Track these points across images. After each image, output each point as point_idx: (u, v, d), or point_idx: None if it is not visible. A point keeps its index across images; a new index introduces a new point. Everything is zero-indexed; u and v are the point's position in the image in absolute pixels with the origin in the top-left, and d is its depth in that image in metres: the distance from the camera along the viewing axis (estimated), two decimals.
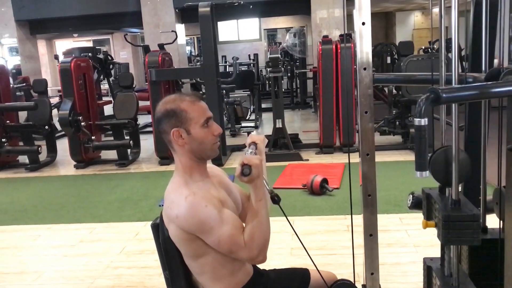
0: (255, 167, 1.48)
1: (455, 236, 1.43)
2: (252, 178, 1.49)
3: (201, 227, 1.50)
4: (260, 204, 1.54)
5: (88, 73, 6.58)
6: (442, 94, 1.17)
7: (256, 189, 1.53)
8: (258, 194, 1.53)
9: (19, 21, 10.89)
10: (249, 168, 1.48)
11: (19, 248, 3.79)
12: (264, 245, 1.53)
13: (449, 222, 1.44)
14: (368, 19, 1.51)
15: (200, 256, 1.59)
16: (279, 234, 3.77)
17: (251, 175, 1.48)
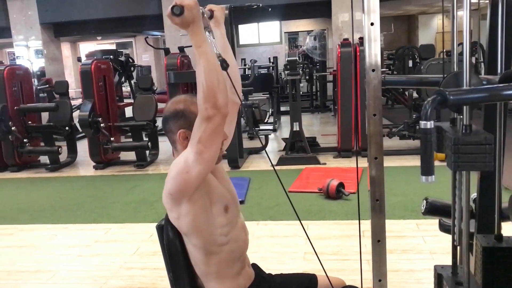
0: (188, 8, 1.32)
1: (466, 160, 1.30)
2: (185, 21, 1.33)
3: (181, 171, 1.47)
4: (200, 51, 1.35)
5: (108, 75, 6.66)
6: (449, 96, 1.13)
7: (194, 35, 1.36)
8: (195, 40, 1.36)
9: (44, 24, 11.12)
10: (180, 8, 1.32)
11: (36, 247, 3.84)
12: (214, 94, 1.35)
13: (459, 146, 1.29)
14: (377, 20, 1.48)
15: (209, 254, 1.58)
16: (293, 238, 3.74)
17: (184, 16, 1.32)
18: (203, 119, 1.39)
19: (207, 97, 1.35)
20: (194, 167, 1.45)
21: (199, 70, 1.36)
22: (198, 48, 1.36)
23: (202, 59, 1.35)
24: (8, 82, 6.45)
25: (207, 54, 1.36)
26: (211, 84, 1.35)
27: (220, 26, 1.72)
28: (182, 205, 1.53)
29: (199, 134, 1.41)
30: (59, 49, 12.11)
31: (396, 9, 13.51)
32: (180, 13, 1.33)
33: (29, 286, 3.16)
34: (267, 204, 4.55)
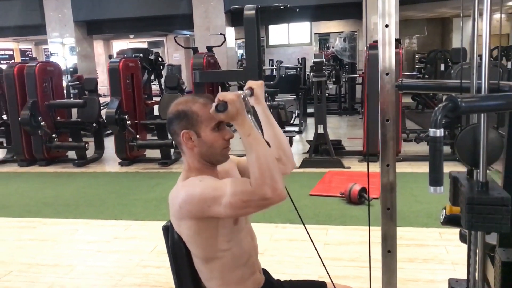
0: (231, 103, 1.35)
1: (480, 221, 1.27)
2: (230, 115, 1.36)
3: (204, 201, 1.44)
4: (250, 139, 1.39)
5: (136, 73, 6.73)
6: (461, 103, 1.07)
7: (241, 126, 1.39)
8: (244, 130, 1.39)
9: (77, 22, 11.34)
10: (224, 104, 1.37)
11: (57, 241, 3.90)
12: (272, 178, 1.37)
13: (474, 205, 1.28)
14: (392, 21, 1.42)
15: (210, 260, 1.55)
16: (310, 243, 3.68)
17: (228, 111, 1.36)
18: (258, 196, 1.37)
19: (266, 181, 1.37)
20: (217, 209, 1.43)
21: (254, 157, 1.38)
22: (247, 136, 1.40)
23: (254, 146, 1.39)
24: (39, 78, 6.60)
25: (258, 140, 1.40)
26: (267, 169, 1.38)
27: (260, 102, 1.70)
28: (185, 220, 1.51)
29: (246, 196, 1.39)
30: (92, 47, 12.35)
31: (430, 12, 13.22)
32: (224, 109, 1.37)
33: (47, 279, 3.21)
34: (287, 207, 4.43)
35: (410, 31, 15.25)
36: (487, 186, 1.35)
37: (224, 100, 1.36)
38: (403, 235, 3.69)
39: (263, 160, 1.37)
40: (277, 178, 1.38)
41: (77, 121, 6.95)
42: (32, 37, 15.15)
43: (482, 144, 1.34)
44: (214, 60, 6.42)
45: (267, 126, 1.72)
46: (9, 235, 4.14)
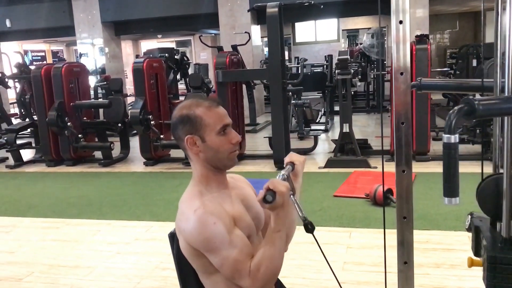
0: (280, 194, 1.33)
1: (502, 282, 1.19)
2: (274, 206, 1.34)
3: (207, 245, 1.39)
4: (276, 236, 1.39)
5: (160, 73, 6.74)
6: (478, 106, 0.96)
7: (277, 219, 1.38)
8: (277, 224, 1.38)
9: (105, 22, 11.49)
10: (273, 194, 1.33)
11: (79, 242, 3.91)
12: (270, 278, 1.40)
13: (496, 265, 1.20)
14: (406, 17, 1.32)
15: (212, 273, 1.48)
16: (333, 246, 3.59)
17: (274, 202, 1.33)
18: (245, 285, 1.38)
19: (263, 279, 1.37)
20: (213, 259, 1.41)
21: (270, 253, 1.37)
22: (277, 232, 1.39)
23: (276, 244, 1.38)
24: (65, 79, 6.68)
25: (282, 241, 1.40)
26: (272, 271, 1.39)
27: (298, 179, 1.68)
28: (185, 241, 1.46)
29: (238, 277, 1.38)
30: (119, 47, 12.49)
31: (462, 6, 12.82)
32: (272, 200, 1.33)
33: (66, 281, 3.21)
34: (310, 208, 4.40)
35: (441, 26, 14.84)
36: (511, 243, 1.24)
37: (274, 190, 1.33)
38: (430, 239, 3.54)
39: (274, 262, 1.39)
40: (273, 281, 1.42)
41: (102, 121, 7.01)
42: (62, 38, 15.42)
43: (506, 195, 1.23)
44: (238, 59, 6.36)
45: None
46: (34, 235, 4.18)
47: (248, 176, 6.16)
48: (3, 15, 11.73)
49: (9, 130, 7.20)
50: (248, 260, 1.38)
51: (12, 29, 12.01)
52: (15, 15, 11.70)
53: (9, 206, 5.01)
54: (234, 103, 6.12)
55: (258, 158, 6.48)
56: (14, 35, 12.73)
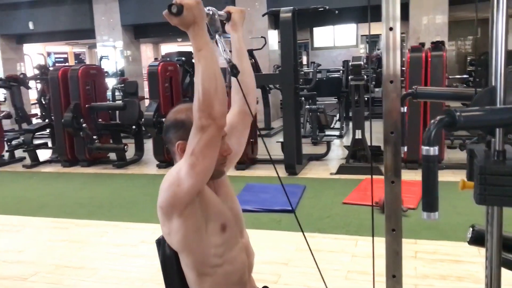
0: (188, 8, 1.22)
1: (493, 193, 1.09)
2: (184, 21, 1.23)
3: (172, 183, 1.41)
4: (200, 55, 1.26)
5: (175, 76, 6.78)
6: (459, 118, 0.93)
7: (195, 37, 1.26)
8: (196, 42, 1.26)
9: (125, 26, 11.62)
10: (179, 7, 1.21)
11: (85, 243, 3.94)
12: (209, 103, 1.26)
13: (486, 175, 1.10)
14: (397, 25, 1.29)
15: (201, 276, 1.49)
16: (338, 254, 3.54)
17: (182, 16, 1.22)
18: (197, 129, 1.30)
19: (202, 106, 1.27)
20: (186, 181, 1.36)
21: (197, 75, 1.27)
22: (198, 51, 1.27)
23: (201, 64, 1.27)
24: (82, 81, 6.77)
25: (207, 59, 1.27)
26: (207, 92, 1.26)
27: (237, 29, 1.62)
28: (173, 220, 1.44)
29: (192, 145, 1.32)
30: (139, 50, 12.62)
31: (484, 12, 12.58)
32: (177, 12, 1.23)
33: (70, 282, 3.24)
34: (318, 215, 4.36)
35: (462, 33, 14.61)
36: (504, 155, 1.16)
37: (180, 3, 1.22)
38: (438, 250, 3.47)
39: (206, 82, 1.26)
40: (214, 103, 1.26)
41: (117, 123, 7.08)
42: (83, 40, 15.65)
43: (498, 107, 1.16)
44: (252, 63, 6.35)
45: (236, 57, 1.63)
46: (42, 235, 4.23)
47: (259, 180, 6.13)
48: (26, 17, 11.97)
49: (26, 130, 7.32)
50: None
51: (34, 31, 12.24)
52: (37, 17, 11.93)
53: (21, 205, 5.09)
54: None
55: (270, 162, 6.44)
56: (36, 37, 12.98)
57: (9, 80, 10.03)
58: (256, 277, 3.18)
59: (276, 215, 4.36)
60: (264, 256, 3.47)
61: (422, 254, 3.43)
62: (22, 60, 13.46)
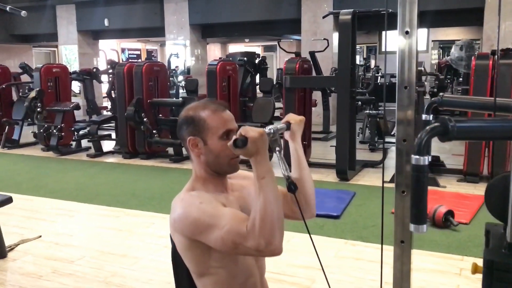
0: (252, 140, 1.29)
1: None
2: (248, 153, 1.30)
3: (197, 226, 1.38)
4: (262, 183, 1.32)
5: (233, 76, 6.88)
6: (452, 127, 0.88)
7: (257, 166, 1.33)
8: (258, 171, 1.33)
9: (193, 25, 11.92)
10: (243, 140, 1.29)
11: (131, 232, 4.09)
12: (271, 231, 1.30)
13: (493, 270, 1.06)
14: (414, 27, 1.24)
15: (203, 275, 1.48)
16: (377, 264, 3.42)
17: (246, 149, 1.29)
18: (252, 246, 1.32)
19: (263, 231, 1.30)
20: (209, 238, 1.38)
21: (260, 202, 1.32)
22: (260, 179, 1.33)
23: (263, 192, 1.33)
24: (145, 77, 7.03)
25: (269, 187, 1.33)
26: (270, 219, 1.32)
27: (295, 139, 1.63)
28: (177, 233, 1.47)
29: (239, 239, 1.33)
30: (205, 49, 12.91)
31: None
32: (243, 145, 1.30)
33: (112, 268, 3.37)
34: (363, 223, 4.25)
35: None
36: None
37: (246, 136, 1.30)
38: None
39: (268, 209, 1.31)
40: (276, 233, 1.31)
41: (176, 119, 7.27)
42: (154, 38, 16.24)
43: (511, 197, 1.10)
44: (309, 65, 6.31)
45: (295, 166, 1.64)
46: (94, 222, 4.45)
47: None
48: (102, 14, 12.61)
49: (92, 121, 7.72)
50: (243, 223, 1.34)
51: (109, 28, 12.87)
52: (112, 15, 12.53)
53: (79, 192, 5.37)
54: (301, 109, 6.07)
55: (322, 166, 6.37)
56: (111, 33, 13.63)
57: (83, 74, 10.63)
58: (290, 280, 3.17)
59: (320, 220, 4.30)
60: (301, 260, 3.44)
61: (467, 272, 3.24)
62: (97, 55, 14.19)
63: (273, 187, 1.34)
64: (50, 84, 8.00)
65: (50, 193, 5.33)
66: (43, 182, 5.89)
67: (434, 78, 8.16)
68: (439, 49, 16.66)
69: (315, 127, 9.35)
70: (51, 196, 5.23)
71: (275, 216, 1.31)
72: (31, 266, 3.45)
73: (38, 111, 7.54)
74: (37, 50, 16.68)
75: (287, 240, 3.68)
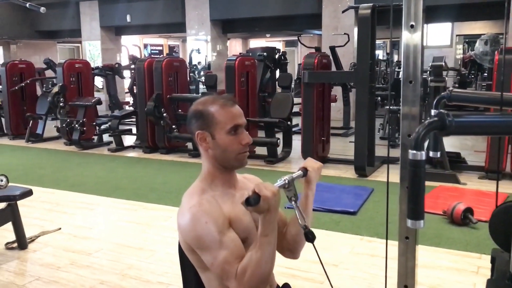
0: (265, 199, 1.30)
1: None
2: (259, 210, 1.32)
3: (197, 243, 1.41)
4: (264, 240, 1.36)
5: (251, 71, 6.87)
6: (450, 122, 0.86)
7: (264, 223, 1.35)
8: (264, 228, 1.36)
9: (213, 20, 11.96)
10: (256, 198, 1.29)
11: (149, 226, 4.15)
12: (257, 283, 1.37)
13: None
14: (419, 21, 1.22)
15: (206, 270, 1.50)
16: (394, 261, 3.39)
17: (258, 207, 1.30)
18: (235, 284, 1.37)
19: (250, 284, 1.36)
20: (205, 258, 1.43)
21: (256, 257, 1.35)
22: (264, 236, 1.36)
23: (263, 249, 1.35)
24: (165, 73, 7.10)
25: (270, 246, 1.37)
26: (262, 275, 1.37)
27: (311, 188, 1.62)
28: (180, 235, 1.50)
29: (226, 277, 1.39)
30: (225, 45, 12.94)
31: None
32: (255, 204, 1.30)
33: (128, 260, 3.43)
34: (380, 220, 4.21)
35: None
36: None
37: (260, 194, 1.30)
38: None
39: (262, 267, 1.35)
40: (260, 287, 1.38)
41: None
42: (176, 34, 16.34)
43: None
44: (328, 60, 6.27)
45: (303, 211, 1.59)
46: (113, 215, 4.52)
47: (327, 180, 6.04)
48: (124, 10, 12.75)
49: (113, 116, 7.83)
50: (237, 262, 1.37)
51: (131, 24, 13.01)
52: (134, 11, 12.66)
53: (99, 186, 5.46)
54: (320, 105, 6.04)
55: (341, 162, 6.34)
56: (133, 29, 13.79)
57: (105, 69, 10.78)
58: (302, 276, 3.17)
59: (336, 216, 4.28)
60: (315, 256, 3.42)
61: (485, 270, 3.19)
62: (120, 50, 14.37)
63: (273, 247, 1.38)
64: (73, 79, 8.14)
65: (71, 187, 5.44)
66: (65, 176, 6.01)
67: (455, 73, 7.99)
68: (464, 44, 16.33)
69: (336, 122, 9.30)
70: (72, 189, 5.33)
71: (266, 273, 1.37)
72: (50, 257, 3.53)
73: (61, 106, 7.68)
74: (61, 46, 16.99)
75: None
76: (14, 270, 3.34)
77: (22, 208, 3.81)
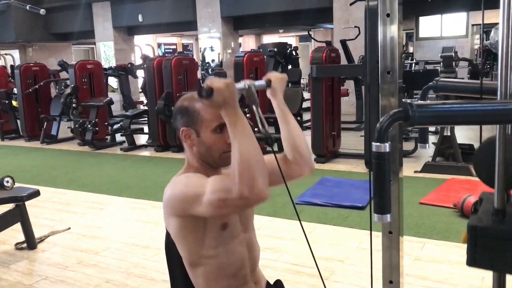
0: (218, 91, 1.26)
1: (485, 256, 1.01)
2: (215, 104, 1.28)
3: (186, 200, 1.38)
4: (234, 129, 1.29)
5: (260, 67, 6.86)
6: (414, 112, 0.83)
7: (227, 116, 1.30)
8: (229, 120, 1.30)
9: (225, 17, 11.94)
10: (208, 90, 1.26)
11: (156, 224, 4.16)
12: (250, 175, 1.26)
13: (477, 236, 1.04)
14: (394, 10, 1.18)
15: (195, 265, 1.49)
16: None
17: (213, 100, 1.27)
18: (236, 194, 1.27)
19: (243, 178, 1.26)
20: (199, 208, 1.36)
21: (235, 150, 1.29)
22: (232, 127, 1.30)
23: (237, 139, 1.30)
24: (174, 71, 7.11)
25: (243, 132, 1.30)
26: (248, 162, 1.28)
27: (277, 96, 1.61)
28: (171, 217, 1.48)
29: (224, 194, 1.30)
30: (237, 42, 12.93)
31: None
32: (207, 96, 1.28)
33: (134, 259, 3.44)
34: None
35: None
36: (503, 214, 1.05)
37: (210, 87, 1.27)
38: None
39: (243, 153, 1.27)
40: (257, 176, 1.26)
41: None
42: (188, 32, 16.37)
43: (498, 161, 1.05)
44: (337, 54, 6.20)
45: (281, 123, 1.63)
46: (122, 214, 4.55)
47: (337, 174, 5.98)
48: (136, 10, 12.82)
49: (124, 116, 7.88)
50: (227, 179, 1.33)
51: (143, 23, 13.08)
52: (146, 10, 12.72)
53: (110, 185, 5.50)
54: (329, 99, 5.98)
55: (352, 157, 6.27)
56: (145, 29, 13.86)
57: (118, 69, 10.87)
58: (307, 271, 3.15)
59: (344, 211, 4.24)
60: (322, 252, 3.40)
61: None
62: (133, 50, 14.47)
63: (247, 132, 1.30)
64: (85, 80, 8.22)
65: (82, 187, 5.50)
66: (77, 176, 6.08)
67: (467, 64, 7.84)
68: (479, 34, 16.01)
69: (348, 117, 9.22)
70: (84, 189, 5.39)
71: (253, 159, 1.27)
72: (58, 257, 3.57)
73: (74, 107, 7.77)
74: (76, 47, 17.18)
75: (309, 231, 3.67)
76: (22, 270, 3.39)
77: (33, 208, 3.86)
